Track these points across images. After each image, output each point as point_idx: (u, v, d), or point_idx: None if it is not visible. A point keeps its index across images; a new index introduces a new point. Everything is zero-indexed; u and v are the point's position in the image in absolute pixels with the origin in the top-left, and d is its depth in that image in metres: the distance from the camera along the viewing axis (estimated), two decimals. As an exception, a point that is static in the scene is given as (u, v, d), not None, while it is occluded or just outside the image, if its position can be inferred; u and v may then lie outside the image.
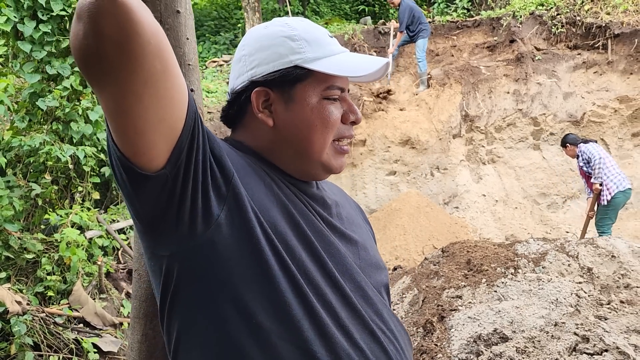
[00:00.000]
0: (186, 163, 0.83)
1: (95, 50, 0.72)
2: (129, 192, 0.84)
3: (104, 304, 3.99)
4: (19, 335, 3.05)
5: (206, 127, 0.91)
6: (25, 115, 4.47)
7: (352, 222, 1.13)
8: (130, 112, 0.76)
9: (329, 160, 1.04)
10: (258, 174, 0.97)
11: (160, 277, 0.92)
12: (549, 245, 3.97)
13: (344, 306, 0.95)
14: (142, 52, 0.72)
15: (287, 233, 0.93)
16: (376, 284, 1.06)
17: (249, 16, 10.09)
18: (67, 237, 3.89)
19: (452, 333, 3.17)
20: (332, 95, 1.02)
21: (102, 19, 0.70)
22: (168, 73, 0.77)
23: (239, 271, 0.88)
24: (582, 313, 3.05)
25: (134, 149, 0.79)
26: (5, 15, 4.07)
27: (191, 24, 1.09)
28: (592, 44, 8.20)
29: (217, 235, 0.87)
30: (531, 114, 8.25)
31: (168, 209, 0.84)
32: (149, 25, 0.73)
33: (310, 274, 0.92)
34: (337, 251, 1.00)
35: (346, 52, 1.05)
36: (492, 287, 3.52)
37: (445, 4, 11.11)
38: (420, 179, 8.05)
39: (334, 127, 1.02)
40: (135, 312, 1.06)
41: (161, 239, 0.89)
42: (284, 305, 0.88)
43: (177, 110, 0.80)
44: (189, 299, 0.91)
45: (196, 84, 1.09)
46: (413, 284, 4.01)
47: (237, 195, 0.89)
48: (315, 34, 1.03)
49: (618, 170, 5.97)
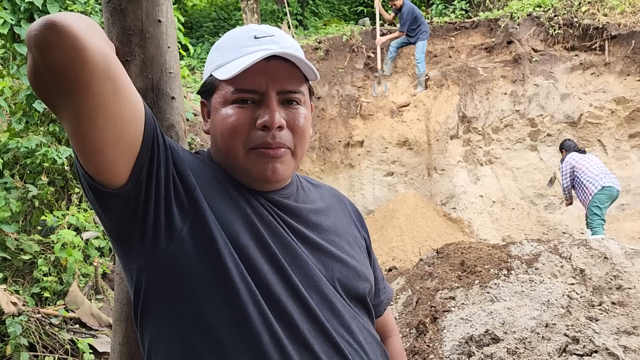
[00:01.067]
0: (147, 179, 0.85)
1: (45, 79, 0.74)
2: (96, 208, 0.87)
3: (100, 304, 4.01)
4: (14, 336, 3.07)
5: (171, 141, 0.93)
6: (22, 117, 4.49)
7: (334, 231, 1.10)
8: (86, 133, 0.78)
9: (249, 169, 0.98)
10: (223, 187, 0.98)
11: (132, 288, 0.95)
12: (543, 247, 3.99)
13: (305, 319, 0.94)
14: (90, 77, 0.74)
15: (249, 246, 0.93)
16: (350, 296, 1.05)
17: (248, 17, 10.11)
18: (64, 238, 3.91)
19: (444, 334, 3.19)
20: (241, 99, 0.97)
21: (47, 50, 0.72)
22: (120, 92, 0.79)
23: (200, 284, 0.89)
24: (573, 314, 3.07)
25: (95, 167, 0.82)
26: (2, 17, 4.10)
27: (172, 33, 1.11)
28: (589, 46, 8.21)
29: (180, 249, 0.88)
30: (528, 115, 8.26)
31: (133, 224, 0.86)
32: (97, 49, 0.75)
33: (270, 287, 0.92)
34: (304, 263, 0.99)
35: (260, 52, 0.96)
36: (485, 288, 3.54)
37: (443, 5, 11.13)
38: (418, 180, 8.07)
39: (235, 133, 0.96)
40: (117, 314, 1.08)
41: (129, 253, 0.91)
42: (242, 319, 0.89)
43: (133, 128, 0.82)
44: (156, 310, 0.93)
45: (177, 91, 1.11)
46: (407, 285, 4.03)
47: (199, 209, 0.90)
48: (235, 39, 1.01)
49: (596, 172, 6.23)
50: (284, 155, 1.00)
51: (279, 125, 0.96)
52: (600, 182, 6.16)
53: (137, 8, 1.05)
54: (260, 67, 0.95)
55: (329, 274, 1.02)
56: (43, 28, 0.72)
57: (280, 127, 0.97)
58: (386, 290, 1.28)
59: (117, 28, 1.06)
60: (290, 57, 0.98)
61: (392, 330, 1.30)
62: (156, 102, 1.08)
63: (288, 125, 0.99)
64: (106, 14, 1.08)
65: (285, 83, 0.98)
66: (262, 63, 0.95)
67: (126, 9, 1.05)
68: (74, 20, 0.74)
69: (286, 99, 1.00)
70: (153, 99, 1.08)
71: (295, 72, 1.00)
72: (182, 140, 1.15)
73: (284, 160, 1.00)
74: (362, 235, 1.22)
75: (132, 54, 1.06)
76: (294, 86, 1.00)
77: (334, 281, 1.02)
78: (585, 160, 6.40)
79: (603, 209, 6.18)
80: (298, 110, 1.01)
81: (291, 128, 1.00)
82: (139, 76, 1.07)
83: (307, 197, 1.12)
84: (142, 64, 1.06)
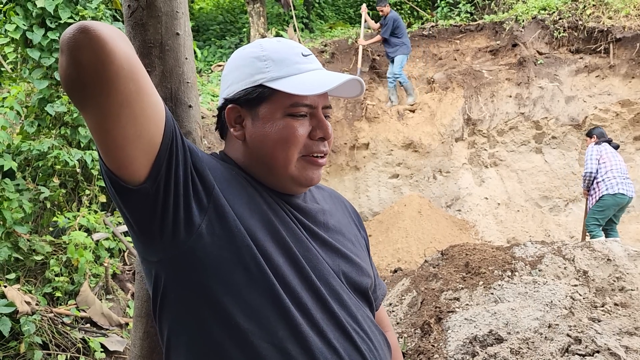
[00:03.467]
0: (166, 178, 0.91)
1: (76, 78, 0.82)
2: (118, 202, 0.94)
3: (111, 304, 4.08)
4: (28, 334, 3.14)
5: (190, 143, 1.00)
6: (34, 120, 4.58)
7: (339, 231, 1.19)
8: (110, 129, 0.85)
9: (297, 174, 1.08)
10: (241, 184, 1.05)
11: (151, 281, 1.02)
12: (546, 249, 4.03)
13: (319, 308, 1.02)
14: (116, 77, 0.81)
15: (266, 240, 1.00)
16: (354, 289, 1.13)
17: (254, 21, 10.19)
18: (75, 239, 3.99)
19: (448, 334, 3.24)
20: (298, 112, 1.06)
21: (79, 51, 0.80)
22: (142, 93, 0.86)
23: (219, 277, 0.96)
24: (576, 315, 3.11)
25: (117, 163, 0.88)
26: (15, 23, 4.19)
27: (190, 45, 1.17)
28: (594, 48, 8.24)
29: (199, 243, 0.95)
30: (533, 118, 8.30)
31: (153, 218, 0.92)
32: (122, 53, 0.82)
33: (286, 278, 1.00)
34: (315, 257, 1.07)
35: (316, 71, 1.09)
36: (489, 289, 3.59)
37: (448, 8, 11.17)
38: (423, 182, 8.11)
39: (296, 143, 1.06)
40: (137, 311, 1.15)
41: (149, 246, 0.97)
42: (260, 307, 0.96)
43: (153, 127, 0.89)
44: (175, 302, 1.00)
45: (194, 100, 1.17)
46: (412, 286, 4.08)
47: (217, 206, 0.97)
48: (285, 53, 1.09)
49: (617, 174, 5.97)
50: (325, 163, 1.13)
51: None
52: (616, 187, 5.92)
53: (157, 22, 1.12)
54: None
55: (336, 268, 1.11)
56: (76, 32, 0.80)
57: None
58: (381, 286, 1.35)
59: (138, 41, 1.13)
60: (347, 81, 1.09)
61: (387, 326, 1.38)
62: (174, 110, 1.15)
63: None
64: (128, 27, 1.14)
65: (326, 100, 1.11)
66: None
67: (147, 23, 1.12)
68: (104, 27, 0.82)
69: (325, 114, 1.11)
70: (171, 108, 1.14)
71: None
72: (199, 145, 1.21)
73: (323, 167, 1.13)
74: (362, 235, 1.31)
75: (152, 65, 1.13)
76: (329, 102, 1.13)
77: (340, 275, 1.11)
78: (614, 158, 6.12)
79: (605, 215, 6.03)
80: (329, 123, 1.13)
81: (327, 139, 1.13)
82: (158, 86, 1.13)
83: (314, 198, 1.21)
84: (162, 75, 1.13)
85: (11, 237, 3.92)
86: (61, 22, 4.46)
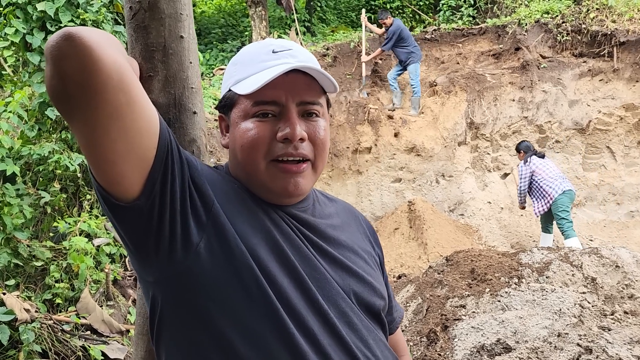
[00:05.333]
0: (161, 193, 0.85)
1: (61, 90, 0.76)
2: (111, 219, 0.88)
3: (111, 311, 4.03)
4: (27, 342, 3.09)
5: (188, 155, 0.94)
6: (34, 125, 4.53)
7: (350, 247, 1.10)
8: (99, 144, 0.79)
9: (269, 183, 0.99)
10: (242, 199, 0.98)
11: (149, 301, 0.96)
12: (553, 255, 3.97)
13: (325, 332, 0.94)
14: (104, 88, 0.76)
15: (269, 260, 0.92)
16: (366, 310, 1.05)
17: (256, 24, 10.16)
18: (76, 244, 3.94)
19: (455, 343, 3.18)
20: (261, 112, 0.97)
21: (63, 60, 0.74)
22: (133, 104, 0.80)
23: (217, 299, 0.89)
24: (586, 324, 3.06)
25: (107, 179, 0.83)
26: (14, 26, 4.15)
27: (194, 48, 1.12)
28: (597, 52, 8.20)
29: (197, 263, 0.88)
30: (537, 122, 8.25)
31: (147, 237, 0.86)
32: (111, 61, 0.76)
33: (291, 301, 0.92)
34: (322, 276, 0.99)
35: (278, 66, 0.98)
36: (496, 296, 3.53)
37: (450, 11, 11.14)
38: (426, 186, 8.06)
39: (256, 146, 0.97)
40: (138, 328, 1.09)
41: (144, 265, 0.91)
42: (261, 333, 0.89)
43: (146, 140, 0.83)
44: (172, 325, 0.93)
45: (199, 106, 1.12)
46: (417, 292, 4.02)
47: (217, 224, 0.90)
48: (254, 53, 1.02)
49: (555, 177, 6.38)
50: (306, 170, 1.00)
51: (300, 137, 0.97)
52: (561, 187, 6.29)
53: (160, 25, 1.07)
54: (279, 81, 0.96)
55: (347, 288, 1.02)
56: (60, 39, 0.74)
57: (302, 139, 0.98)
58: (397, 308, 1.28)
59: (140, 44, 1.08)
60: (309, 70, 0.99)
61: (402, 349, 1.30)
62: (178, 117, 1.10)
63: (309, 137, 0.99)
64: (129, 30, 1.09)
65: (304, 94, 0.99)
66: (281, 77, 0.95)
67: (149, 25, 1.07)
68: (91, 33, 0.76)
69: (306, 111, 1.00)
70: (175, 114, 1.09)
71: (314, 84, 1.01)
72: (203, 153, 1.16)
73: (305, 174, 1.00)
74: (376, 252, 1.21)
75: (154, 69, 1.07)
76: (312, 97, 1.00)
77: (351, 295, 1.02)
78: (544, 165, 6.54)
79: (569, 211, 6.33)
80: (317, 122, 1.02)
81: (312, 140, 1.00)
82: (161, 92, 1.08)
83: (324, 212, 1.12)
84: (165, 80, 1.08)
85: (11, 243, 3.87)
86: (62, 25, 4.41)
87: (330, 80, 1.01)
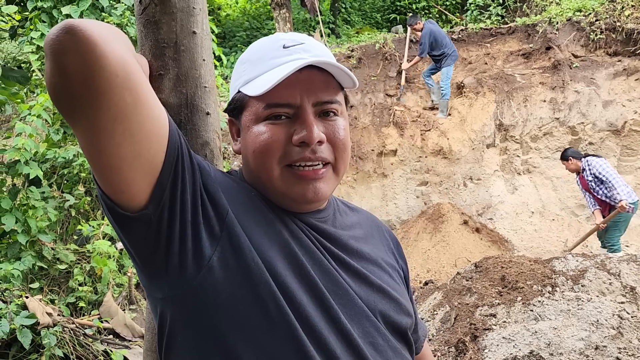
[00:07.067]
0: (170, 202, 0.78)
1: (62, 87, 0.69)
2: (118, 232, 0.81)
3: (134, 315, 4.01)
4: (49, 347, 3.07)
5: (200, 160, 0.86)
6: (59, 128, 4.56)
7: (374, 261, 1.02)
8: (103, 148, 0.72)
9: (285, 190, 0.91)
10: (259, 209, 0.90)
11: (157, 319, 0.88)
12: (589, 262, 3.79)
13: (348, 355, 0.86)
14: (108, 87, 0.69)
15: (287, 275, 0.84)
16: (393, 329, 0.97)
17: (280, 27, 10.14)
18: (99, 248, 3.94)
19: (485, 354, 3.05)
20: (273, 114, 0.89)
21: (64, 56, 0.67)
22: (141, 105, 0.73)
23: (232, 318, 0.81)
24: (625, 336, 2.89)
25: (112, 186, 0.76)
26: (40, 30, 4.18)
27: (208, 45, 1.05)
28: (633, 51, 7.91)
29: (209, 278, 0.80)
30: (569, 123, 7.99)
31: (156, 251, 0.79)
32: (116, 57, 0.69)
33: (311, 320, 0.84)
34: (345, 292, 0.91)
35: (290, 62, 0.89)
36: (528, 305, 3.38)
37: (478, 11, 10.93)
38: (453, 190, 7.88)
39: (270, 150, 0.89)
40: (147, 344, 1.02)
41: (153, 281, 0.84)
42: (279, 355, 0.81)
43: (154, 145, 0.76)
44: (181, 345, 0.85)
45: (212, 107, 1.05)
46: (445, 300, 3.89)
47: (231, 235, 0.82)
48: (264, 50, 0.94)
49: (625, 183, 5.82)
50: (326, 174, 0.92)
51: (318, 140, 0.89)
52: (633, 196, 5.65)
53: (172, 20, 1.00)
54: (292, 79, 0.87)
55: (371, 305, 0.94)
56: (60, 32, 0.67)
57: (320, 141, 0.89)
58: (421, 325, 1.19)
59: (150, 40, 1.00)
60: (324, 66, 0.90)
61: None
62: (190, 118, 1.02)
63: (328, 139, 0.91)
64: (139, 26, 1.02)
65: (321, 93, 0.91)
66: (295, 74, 0.87)
67: (160, 20, 1.00)
68: (95, 26, 0.69)
69: (323, 110, 0.92)
70: (187, 115, 1.02)
71: (331, 80, 0.93)
72: (217, 157, 1.08)
73: (325, 178, 0.92)
74: (400, 266, 1.13)
75: (165, 67, 1.00)
76: (330, 96, 0.92)
77: (376, 313, 0.94)
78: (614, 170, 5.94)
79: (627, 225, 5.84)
80: (336, 122, 0.93)
81: (331, 142, 0.92)
82: (172, 91, 1.01)
83: (345, 222, 1.04)
84: (176, 78, 1.00)
85: (36, 246, 3.89)
86: (87, 29, 4.43)
87: (348, 75, 0.92)
